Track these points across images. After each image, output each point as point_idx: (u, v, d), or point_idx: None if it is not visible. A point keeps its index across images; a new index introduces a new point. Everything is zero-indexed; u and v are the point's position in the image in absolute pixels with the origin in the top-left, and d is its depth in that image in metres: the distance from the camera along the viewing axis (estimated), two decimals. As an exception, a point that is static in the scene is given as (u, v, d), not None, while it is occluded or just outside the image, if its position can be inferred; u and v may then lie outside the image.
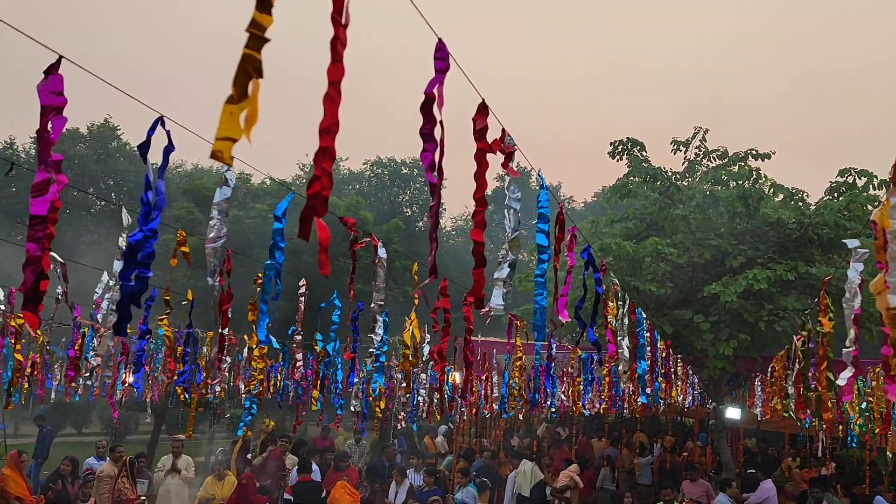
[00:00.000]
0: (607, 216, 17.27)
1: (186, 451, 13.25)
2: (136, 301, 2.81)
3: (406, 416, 10.68)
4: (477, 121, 2.97)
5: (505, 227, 3.48)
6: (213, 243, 3.18)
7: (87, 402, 26.15)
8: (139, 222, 2.84)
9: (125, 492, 11.58)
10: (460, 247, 49.90)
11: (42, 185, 2.44)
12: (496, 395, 10.28)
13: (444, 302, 4.54)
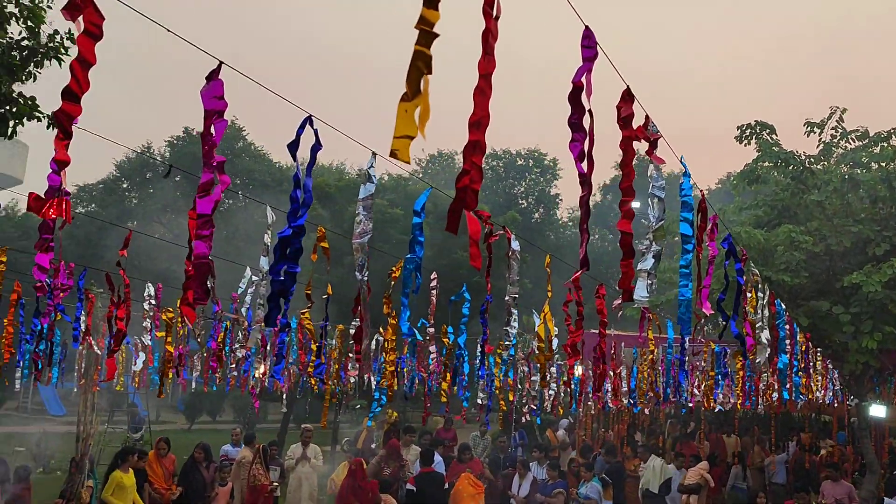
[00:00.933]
0: (735, 204, 16.55)
1: (314, 440, 13.73)
2: (285, 295, 2.90)
3: (531, 409, 10.62)
4: (622, 108, 2.87)
5: (648, 217, 3.36)
6: (359, 238, 3.25)
7: (223, 392, 27.53)
8: (288, 219, 2.92)
9: (259, 478, 12.09)
10: (577, 237, 49.27)
11: (207, 185, 2.55)
12: (625, 389, 10.07)
13: (577, 294, 4.46)
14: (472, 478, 11.94)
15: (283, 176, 41.59)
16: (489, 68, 1.89)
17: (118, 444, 15.63)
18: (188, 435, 20.66)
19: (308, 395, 11.21)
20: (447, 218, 1.77)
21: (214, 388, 13.02)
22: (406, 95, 1.52)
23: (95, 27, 2.64)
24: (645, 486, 12.96)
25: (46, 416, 29.56)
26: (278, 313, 2.93)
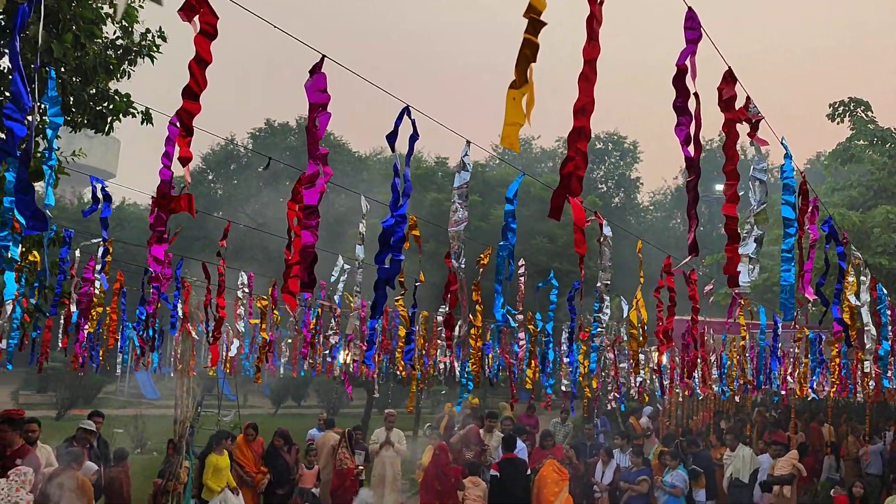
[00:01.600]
0: (827, 184, 15.94)
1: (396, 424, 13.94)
2: (390, 283, 2.96)
3: (617, 396, 10.51)
4: (724, 90, 2.80)
5: (749, 200, 3.27)
6: (456, 227, 3.28)
7: (308, 378, 28.22)
8: (390, 208, 2.97)
9: (345, 461, 12.37)
10: (659, 222, 48.30)
11: (312, 177, 2.62)
12: (714, 375, 9.85)
13: (669, 280, 4.39)
14: (557, 464, 11.91)
15: (361, 165, 42.17)
16: (594, 54, 1.88)
17: (210, 427, 16.23)
18: (274, 419, 21.22)
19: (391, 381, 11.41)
20: (550, 204, 1.77)
21: (302, 374, 13.33)
22: (514, 83, 1.52)
23: (210, 27, 2.74)
24: (735, 476, 12.64)
25: (142, 399, 30.91)
26: (385, 301, 2.99)
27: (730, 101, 2.82)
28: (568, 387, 7.38)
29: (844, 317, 5.27)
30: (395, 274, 2.99)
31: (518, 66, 1.54)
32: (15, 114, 2.63)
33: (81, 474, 8.80)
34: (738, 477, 12.58)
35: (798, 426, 17.78)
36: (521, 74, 1.53)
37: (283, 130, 43.96)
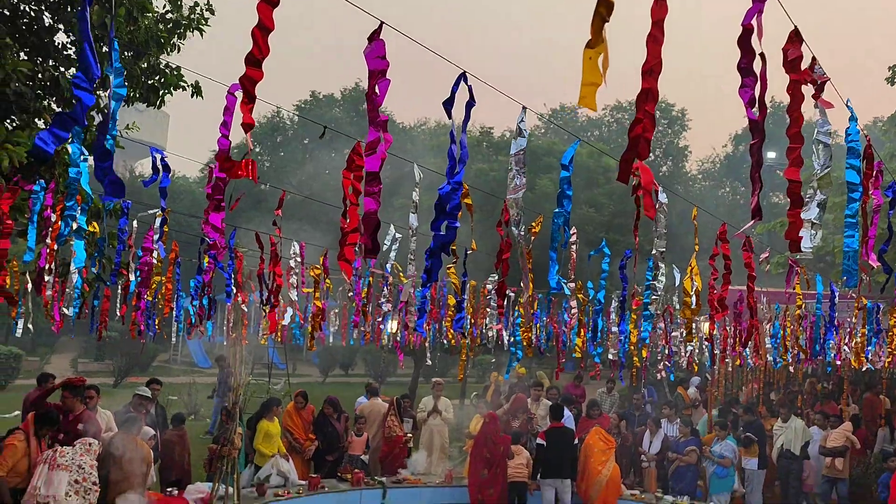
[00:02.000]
0: (886, 150, 15.45)
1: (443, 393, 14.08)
2: (446, 250, 2.97)
3: (666, 366, 10.42)
4: (789, 50, 2.72)
5: (813, 164, 3.19)
6: (514, 193, 3.25)
7: (355, 346, 28.58)
8: (447, 175, 2.97)
9: (394, 429, 12.54)
10: (707, 191, 47.46)
11: (373, 143, 2.63)
12: (768, 346, 9.71)
13: (724, 248, 4.31)
14: (603, 433, 11.93)
15: (406, 136, 42.16)
16: (661, 14, 1.84)
17: (260, 395, 16.61)
18: (322, 387, 21.56)
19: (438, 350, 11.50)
20: (619, 167, 1.75)
21: (352, 343, 13.52)
22: (590, 43, 1.50)
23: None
24: (786, 447, 12.49)
25: (194, 368, 31.66)
26: (440, 267, 2.99)
27: (795, 63, 2.73)
28: (616, 356, 7.32)
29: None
30: (450, 241, 2.99)
31: (593, 26, 1.52)
32: (84, 83, 2.69)
33: (140, 438, 9.10)
34: (788, 448, 12.43)
35: (851, 397, 17.47)
36: (597, 34, 1.51)
37: (327, 102, 44.13)
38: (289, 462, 11.03)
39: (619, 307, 7.04)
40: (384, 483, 11.51)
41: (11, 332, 10.38)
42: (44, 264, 4.84)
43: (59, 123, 2.70)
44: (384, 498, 11.35)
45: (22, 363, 24.82)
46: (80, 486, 7.13)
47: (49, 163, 5.95)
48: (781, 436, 12.58)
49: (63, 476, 7.05)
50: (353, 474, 11.34)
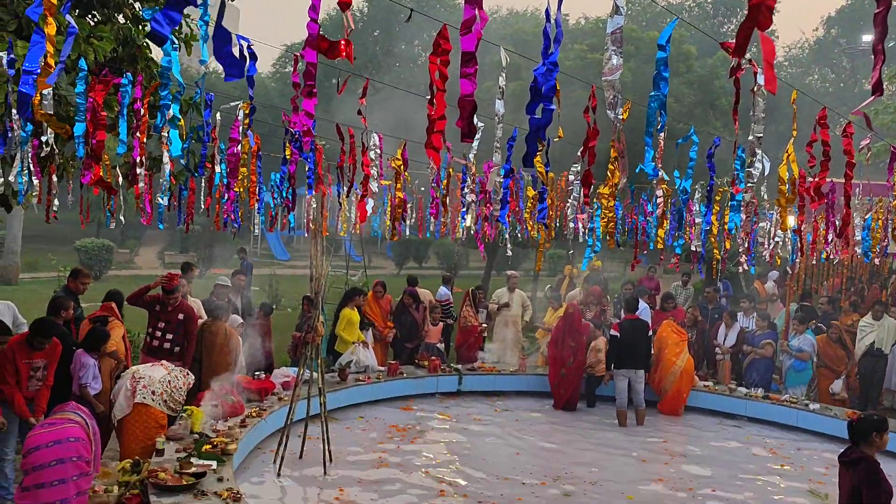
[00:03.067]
0: None
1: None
2: (541, 133, 2.92)
3: (747, 258, 10.19)
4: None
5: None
6: (610, 75, 3.13)
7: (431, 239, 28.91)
8: (542, 55, 2.88)
9: (469, 319, 12.81)
10: (794, 78, 45.12)
11: (469, 22, 2.57)
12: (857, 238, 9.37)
13: (823, 133, 4.09)
14: (676, 325, 11.96)
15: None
16: None
17: (339, 286, 17.12)
18: (397, 280, 22.00)
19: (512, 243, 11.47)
20: (736, 37, 1.66)
21: (428, 235, 13.68)
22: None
23: None
24: (877, 346, 12.04)
25: (273, 260, 32.68)
26: (536, 152, 2.94)
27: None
28: (697, 247, 7.17)
29: None
30: (546, 124, 2.92)
31: None
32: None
33: (229, 325, 9.56)
34: (879, 347, 12.03)
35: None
36: None
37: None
38: (369, 350, 11.46)
39: (703, 197, 6.84)
40: (460, 370, 11.89)
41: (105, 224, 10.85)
42: (137, 156, 4.97)
43: (172, 4, 2.71)
44: (460, 384, 11.75)
45: (113, 255, 26.07)
46: (165, 399, 7.56)
47: (132, 56, 6.02)
48: (872, 333, 12.13)
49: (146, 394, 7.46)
50: (430, 361, 11.73)
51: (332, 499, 7.49)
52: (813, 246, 8.04)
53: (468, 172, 7.01)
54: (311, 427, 8.34)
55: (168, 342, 8.89)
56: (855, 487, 5.23)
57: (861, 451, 5.36)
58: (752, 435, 10.74)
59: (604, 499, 7.96)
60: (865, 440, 5.36)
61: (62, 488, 5.73)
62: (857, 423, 5.48)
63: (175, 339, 8.91)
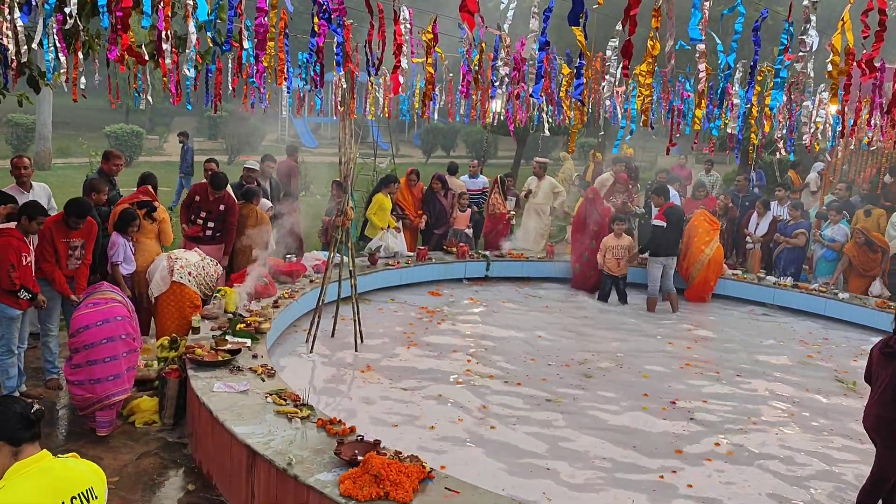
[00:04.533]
0: None
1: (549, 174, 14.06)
2: None
3: (787, 142, 9.87)
4: None
5: None
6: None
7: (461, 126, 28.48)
8: None
9: (497, 206, 12.78)
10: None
11: None
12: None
13: (881, 1, 3.80)
14: (708, 214, 11.84)
15: None
16: None
17: (367, 173, 17.08)
18: (426, 168, 21.85)
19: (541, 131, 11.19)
20: None
21: (458, 119, 13.46)
22: None
23: None
24: None
25: (301, 147, 32.58)
26: (581, 8, 2.80)
27: None
28: (733, 129, 6.93)
29: None
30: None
31: None
32: None
33: (260, 209, 9.63)
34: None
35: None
36: None
37: None
38: (398, 236, 11.53)
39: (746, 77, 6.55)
40: (488, 256, 11.96)
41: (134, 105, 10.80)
42: (162, 27, 4.85)
43: None
44: (488, 270, 11.85)
45: (143, 141, 26.13)
46: (198, 283, 7.73)
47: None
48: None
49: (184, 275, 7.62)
50: (458, 247, 11.80)
51: (360, 375, 7.71)
52: (853, 130, 7.72)
53: (501, 44, 6.76)
54: (343, 309, 8.50)
55: (210, 230, 9.02)
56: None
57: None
58: (780, 323, 10.78)
59: (628, 378, 8.11)
60: None
61: (114, 364, 5.99)
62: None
63: (216, 226, 9.02)
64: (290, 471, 4.61)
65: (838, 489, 6.00)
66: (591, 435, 6.66)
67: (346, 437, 5.10)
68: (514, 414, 6.97)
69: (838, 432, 7.10)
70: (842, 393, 8.17)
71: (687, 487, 5.87)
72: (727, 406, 7.55)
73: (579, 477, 5.88)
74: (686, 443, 6.63)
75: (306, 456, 4.79)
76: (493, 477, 5.70)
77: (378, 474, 4.43)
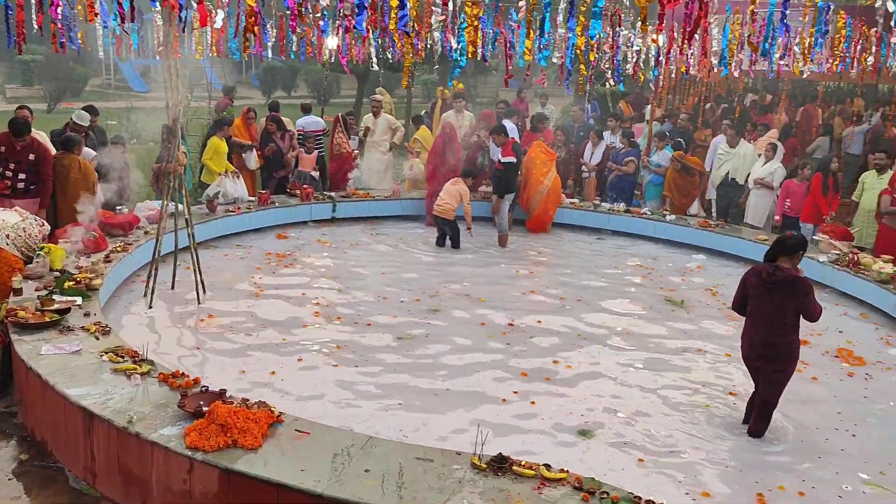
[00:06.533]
0: None
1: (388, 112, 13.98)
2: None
3: (614, 71, 10.25)
4: None
5: None
6: None
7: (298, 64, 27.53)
8: None
9: (342, 146, 12.59)
10: None
11: None
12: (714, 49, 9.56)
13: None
14: (545, 146, 12.19)
15: None
16: None
17: (202, 116, 16.29)
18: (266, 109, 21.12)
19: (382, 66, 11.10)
20: None
21: (292, 56, 13.03)
22: None
23: None
24: (732, 176, 12.07)
25: (130, 92, 30.59)
26: None
27: None
28: (561, 59, 7.10)
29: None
30: None
31: None
32: None
33: (83, 158, 8.98)
34: (734, 177, 12.06)
35: (786, 111, 17.97)
36: None
37: None
38: (238, 181, 11.13)
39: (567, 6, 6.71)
40: (333, 197, 11.80)
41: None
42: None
43: None
44: (334, 211, 11.71)
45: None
46: (18, 245, 7.14)
47: None
48: (727, 162, 12.16)
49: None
50: (302, 190, 11.55)
51: (204, 326, 7.49)
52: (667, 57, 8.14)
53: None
54: (185, 259, 8.17)
55: (22, 182, 8.34)
56: (789, 304, 5.47)
57: (787, 271, 5.51)
58: (617, 248, 11.38)
59: (473, 309, 8.36)
60: (791, 255, 5.56)
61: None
62: (791, 238, 5.67)
63: (29, 178, 8.35)
64: (130, 429, 4.45)
65: (665, 401, 6.51)
66: (441, 369, 6.84)
67: (189, 389, 4.97)
68: (365, 355, 7.03)
69: (665, 349, 7.67)
70: (670, 310, 8.77)
71: (530, 405, 6.19)
72: (567, 329, 7.96)
73: (434, 410, 6.04)
74: (527, 365, 6.95)
75: (148, 412, 4.64)
76: (347, 417, 5.76)
77: (225, 423, 4.36)
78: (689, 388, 6.68)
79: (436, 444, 5.23)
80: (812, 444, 5.80)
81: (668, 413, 6.19)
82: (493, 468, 4.18)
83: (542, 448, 5.46)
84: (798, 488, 5.16)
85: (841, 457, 5.63)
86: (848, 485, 5.23)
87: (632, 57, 7.92)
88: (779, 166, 11.49)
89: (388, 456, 4.31)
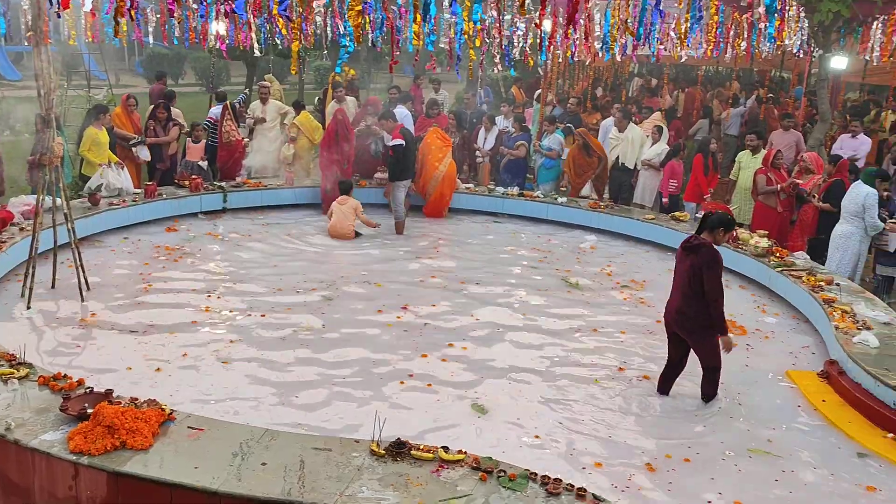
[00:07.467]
0: None
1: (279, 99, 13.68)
2: None
3: (504, 57, 10.35)
4: None
5: None
6: None
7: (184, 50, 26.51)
8: None
9: (232, 133, 12.26)
10: None
11: None
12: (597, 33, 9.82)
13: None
14: (440, 132, 12.24)
15: None
16: None
17: (80, 105, 15.48)
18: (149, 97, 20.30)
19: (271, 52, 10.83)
20: None
21: (175, 42, 12.55)
22: None
23: None
24: (622, 161, 12.24)
25: (2, 81, 28.74)
26: None
27: None
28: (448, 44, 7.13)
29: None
30: None
31: None
32: None
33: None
34: (623, 163, 12.25)
35: (670, 94, 18.70)
36: None
37: None
38: (122, 172, 10.66)
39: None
40: (224, 188, 11.48)
41: None
42: None
43: None
44: (225, 202, 11.39)
45: None
46: None
47: None
48: (617, 147, 12.35)
49: None
50: (191, 180, 11.18)
51: (86, 325, 7.15)
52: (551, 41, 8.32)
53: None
54: (68, 255, 7.78)
55: None
56: (695, 269, 5.77)
57: (703, 238, 5.90)
58: (513, 231, 11.54)
59: (370, 296, 8.33)
60: (711, 230, 5.92)
61: None
62: (714, 215, 6.05)
63: None
64: (9, 436, 4.23)
65: (560, 378, 6.69)
66: (339, 358, 6.80)
67: (73, 391, 4.75)
68: (260, 348, 6.89)
69: (561, 330, 7.87)
70: (566, 290, 8.99)
71: (427, 387, 6.25)
72: (464, 313, 8.04)
73: (333, 400, 6.00)
74: (424, 349, 7.00)
75: (28, 417, 4.42)
76: (243, 412, 5.65)
77: (111, 424, 4.20)
78: (583, 365, 6.88)
79: (336, 433, 5.20)
80: (700, 414, 6.08)
81: (562, 389, 6.36)
82: (391, 454, 4.20)
83: (441, 430, 5.51)
84: (684, 455, 5.41)
85: (725, 424, 5.93)
86: (731, 450, 5.52)
87: (518, 42, 8.03)
88: (665, 147, 11.94)
89: (286, 448, 4.26)
